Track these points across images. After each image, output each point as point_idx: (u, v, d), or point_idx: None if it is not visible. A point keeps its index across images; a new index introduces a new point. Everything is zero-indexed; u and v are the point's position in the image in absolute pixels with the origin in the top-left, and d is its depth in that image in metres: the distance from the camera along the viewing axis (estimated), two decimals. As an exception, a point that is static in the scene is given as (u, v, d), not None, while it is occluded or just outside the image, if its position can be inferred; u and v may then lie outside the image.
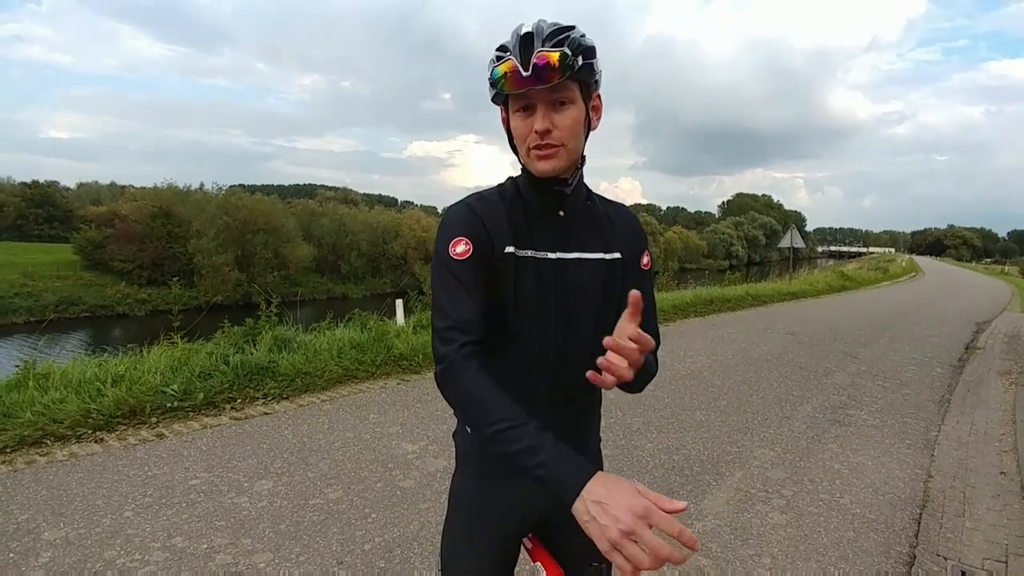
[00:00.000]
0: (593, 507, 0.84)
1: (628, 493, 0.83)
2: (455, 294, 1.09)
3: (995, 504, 3.48)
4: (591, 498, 0.85)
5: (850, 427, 4.87)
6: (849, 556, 2.90)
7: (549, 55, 1.03)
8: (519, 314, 1.14)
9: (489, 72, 1.10)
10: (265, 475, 3.54)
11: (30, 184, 46.25)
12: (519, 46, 1.05)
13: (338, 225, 40.14)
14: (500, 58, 1.08)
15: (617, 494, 0.83)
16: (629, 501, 0.82)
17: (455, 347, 1.04)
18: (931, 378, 6.88)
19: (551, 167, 1.11)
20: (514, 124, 1.13)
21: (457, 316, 1.07)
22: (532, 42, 1.05)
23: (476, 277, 1.10)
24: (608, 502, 0.83)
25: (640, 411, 4.95)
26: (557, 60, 1.03)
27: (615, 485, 0.85)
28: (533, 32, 1.06)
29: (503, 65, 1.06)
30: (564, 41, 1.05)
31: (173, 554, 2.69)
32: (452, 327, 1.06)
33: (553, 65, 1.03)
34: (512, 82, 1.06)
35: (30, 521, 2.93)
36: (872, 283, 25.39)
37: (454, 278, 1.10)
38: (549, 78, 1.04)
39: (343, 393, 5.29)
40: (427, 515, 3.12)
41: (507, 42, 1.09)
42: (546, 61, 1.03)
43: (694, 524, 3.14)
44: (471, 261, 1.10)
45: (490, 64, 1.10)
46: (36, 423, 3.93)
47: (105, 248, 29.66)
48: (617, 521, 0.81)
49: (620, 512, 0.81)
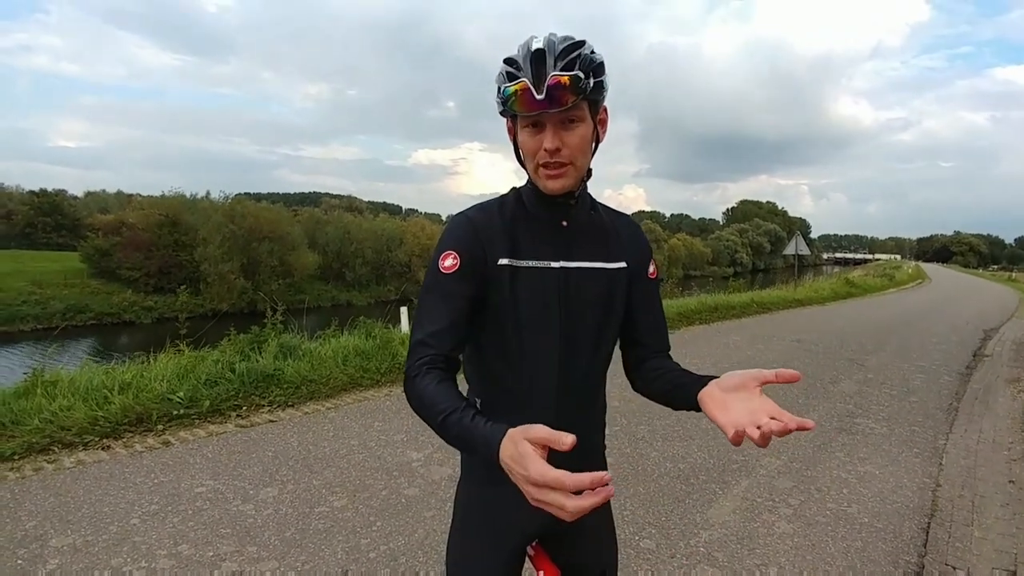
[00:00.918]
0: (508, 470, 0.87)
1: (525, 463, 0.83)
2: (434, 306, 1.12)
3: (1004, 513, 3.45)
4: (504, 461, 0.87)
5: (857, 435, 4.84)
6: (857, 566, 2.88)
7: (562, 78, 1.01)
8: (520, 323, 1.15)
9: (499, 90, 1.08)
10: (271, 483, 3.55)
11: (38, 193, 46.67)
12: (531, 64, 1.04)
13: (343, 233, 40.27)
14: (511, 76, 1.06)
15: (516, 468, 0.84)
16: (525, 474, 0.82)
17: (418, 361, 1.07)
18: (939, 386, 6.83)
19: (560, 186, 1.12)
20: (522, 140, 1.12)
21: (430, 329, 1.10)
22: (544, 60, 1.03)
23: (460, 291, 1.12)
24: (514, 476, 0.85)
25: (645, 419, 4.94)
26: (570, 83, 1.02)
27: (513, 456, 0.85)
28: (544, 49, 1.04)
29: (515, 85, 1.04)
30: (576, 61, 1.03)
31: (179, 561, 2.70)
32: (422, 341, 1.10)
33: (567, 87, 1.02)
34: (524, 104, 1.04)
35: (38, 528, 2.95)
36: (878, 290, 25.30)
37: (437, 290, 1.13)
38: (562, 100, 1.03)
39: (348, 401, 5.30)
40: (432, 523, 3.11)
41: (516, 56, 1.07)
42: (559, 83, 1.01)
43: (700, 533, 3.13)
44: (457, 275, 1.12)
45: (499, 80, 1.09)
46: (44, 430, 3.96)
47: (112, 256, 29.82)
48: (527, 494, 0.83)
49: (523, 485, 0.84)
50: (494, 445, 0.89)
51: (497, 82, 1.09)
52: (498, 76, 1.09)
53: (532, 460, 0.82)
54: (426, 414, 1.03)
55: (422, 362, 1.07)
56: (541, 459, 0.82)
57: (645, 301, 1.31)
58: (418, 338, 1.10)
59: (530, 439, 0.84)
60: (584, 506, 0.79)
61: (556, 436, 0.82)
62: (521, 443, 0.85)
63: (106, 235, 30.57)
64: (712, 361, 7.61)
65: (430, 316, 1.11)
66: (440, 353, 1.08)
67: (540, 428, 0.85)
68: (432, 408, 1.01)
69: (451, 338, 1.10)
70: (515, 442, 0.86)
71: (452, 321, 1.10)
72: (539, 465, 0.81)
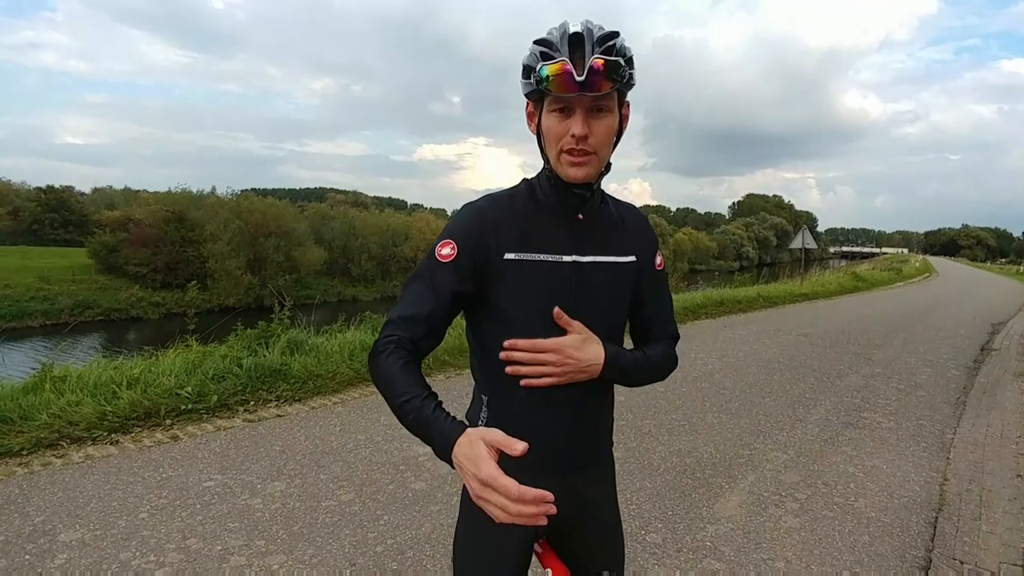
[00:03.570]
0: (459, 466, 0.92)
1: (476, 461, 0.89)
2: (419, 291, 1.13)
3: (1012, 507, 3.44)
4: (457, 463, 0.93)
5: (864, 430, 4.83)
6: (864, 560, 2.88)
7: (603, 63, 1.00)
8: (529, 318, 1.14)
9: (532, 68, 1.06)
10: (278, 477, 3.57)
11: (45, 189, 46.88)
12: (568, 46, 1.02)
13: (348, 228, 40.38)
14: (548, 56, 1.03)
15: (467, 463, 0.90)
16: (475, 470, 0.88)
17: (387, 338, 1.09)
18: (946, 380, 6.80)
19: (583, 174, 1.10)
20: (547, 123, 1.09)
21: (407, 312, 1.11)
22: (582, 43, 1.02)
23: (449, 281, 1.12)
24: (463, 470, 0.91)
25: (651, 413, 4.93)
26: (610, 68, 1.01)
27: (467, 454, 0.91)
28: (583, 33, 1.02)
29: (553, 66, 1.02)
30: (613, 48, 1.02)
31: (188, 556, 2.72)
32: (395, 321, 1.11)
33: (604, 73, 1.00)
34: (561, 85, 1.02)
35: (46, 523, 2.97)
36: (885, 284, 25.15)
37: (427, 276, 1.13)
38: (599, 86, 1.01)
39: (354, 395, 5.31)
40: (439, 517, 3.12)
41: (551, 37, 1.04)
42: (600, 67, 1.00)
43: (707, 528, 3.13)
44: (451, 265, 1.12)
45: (531, 59, 1.06)
46: (52, 425, 3.98)
47: (119, 252, 30.00)
48: (471, 489, 0.89)
49: (470, 479, 0.89)
50: (451, 441, 0.94)
51: (529, 62, 1.07)
52: (529, 56, 1.07)
53: (485, 461, 0.87)
54: (387, 393, 1.04)
55: (389, 340, 1.08)
56: (493, 461, 0.88)
57: (653, 293, 1.30)
58: (393, 317, 1.12)
59: (486, 441, 0.90)
60: (524, 512, 0.84)
61: (510, 442, 0.87)
62: (477, 443, 0.90)
63: (113, 231, 30.76)
64: (718, 356, 7.59)
65: (412, 299, 1.12)
66: (410, 336, 1.09)
67: (496, 432, 0.90)
68: (393, 389, 1.03)
69: (425, 326, 1.11)
70: (472, 441, 0.91)
71: (431, 310, 1.11)
72: (491, 467, 0.87)
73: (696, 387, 5.95)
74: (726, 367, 6.95)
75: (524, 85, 1.10)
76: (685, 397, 5.56)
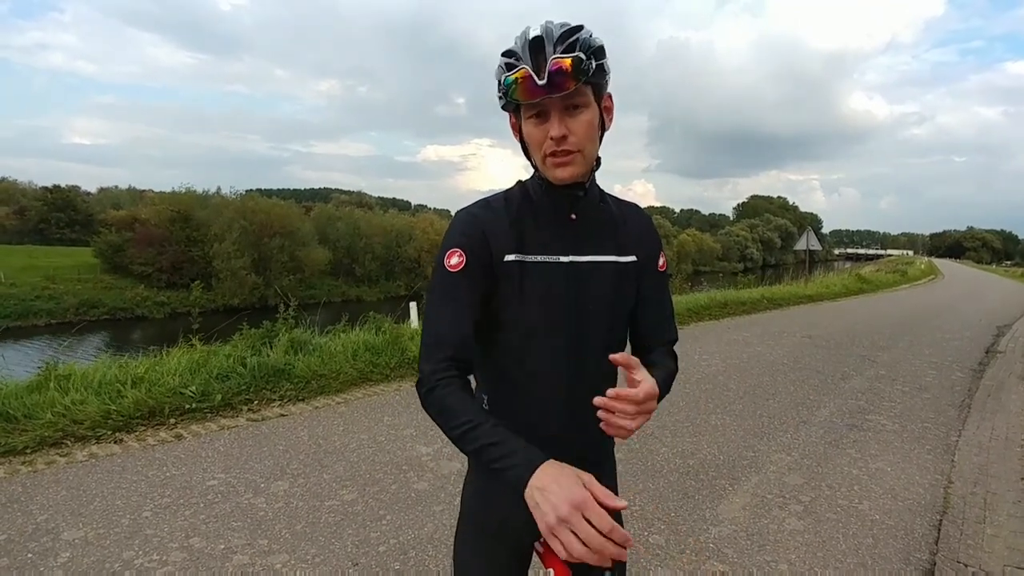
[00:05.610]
0: (537, 494, 0.88)
1: (570, 483, 0.87)
2: (444, 307, 1.10)
3: (1016, 510, 3.42)
4: (536, 485, 0.89)
5: (868, 432, 4.81)
6: (868, 563, 2.86)
7: (563, 61, 1.00)
8: (529, 319, 1.13)
9: (499, 81, 1.07)
10: (281, 476, 3.57)
11: (52, 189, 47.15)
12: (529, 52, 1.02)
13: (353, 229, 40.43)
14: (511, 66, 1.04)
15: (560, 483, 0.87)
16: (569, 492, 0.85)
17: (435, 366, 1.06)
18: (951, 382, 6.77)
19: (569, 174, 1.10)
20: (527, 131, 1.10)
21: (443, 330, 1.08)
22: (543, 46, 1.01)
23: (468, 289, 1.10)
24: (550, 490, 0.86)
25: (654, 415, 4.91)
26: (571, 66, 1.00)
27: (560, 475, 0.89)
28: (542, 35, 1.02)
29: (515, 73, 1.02)
30: (575, 44, 1.01)
31: (191, 554, 2.72)
32: (436, 343, 1.08)
33: (568, 71, 1.00)
34: (525, 91, 1.02)
35: (50, 521, 2.98)
36: (890, 286, 25.08)
37: (446, 290, 1.11)
38: (564, 85, 1.01)
39: (358, 395, 5.32)
40: (441, 517, 3.12)
41: (514, 47, 1.05)
42: (560, 67, 0.99)
43: (710, 529, 3.12)
44: (464, 273, 1.10)
45: (499, 72, 1.07)
46: (56, 424, 4.00)
47: (125, 252, 30.09)
48: (555, 509, 0.84)
49: (559, 501, 0.84)
50: (535, 464, 0.91)
51: (497, 75, 1.08)
52: (497, 70, 1.07)
53: (579, 487, 0.87)
54: (449, 423, 1.02)
55: (440, 369, 1.05)
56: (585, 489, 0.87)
57: (654, 294, 1.29)
58: (430, 340, 1.09)
59: (584, 481, 0.89)
60: (606, 550, 0.82)
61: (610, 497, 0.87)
62: (568, 467, 0.91)
63: (119, 231, 30.85)
64: (721, 357, 7.57)
65: (439, 317, 1.10)
66: (454, 357, 1.07)
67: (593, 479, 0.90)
68: (455, 418, 1.01)
69: (461, 338, 1.09)
70: (562, 465, 0.91)
71: (461, 320, 1.09)
72: (584, 493, 0.86)
73: (700, 388, 5.94)
74: (730, 368, 6.93)
75: (499, 99, 1.10)
76: (689, 398, 5.55)
